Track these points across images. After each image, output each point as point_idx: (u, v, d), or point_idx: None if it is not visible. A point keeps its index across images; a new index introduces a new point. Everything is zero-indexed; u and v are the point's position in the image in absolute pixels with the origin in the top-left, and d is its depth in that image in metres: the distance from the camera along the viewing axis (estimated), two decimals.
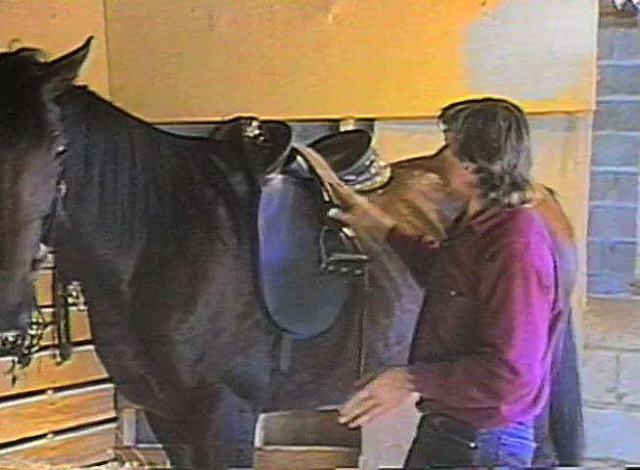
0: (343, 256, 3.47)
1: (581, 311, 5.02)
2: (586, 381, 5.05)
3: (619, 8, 5.09)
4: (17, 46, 3.00)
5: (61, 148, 2.93)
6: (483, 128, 2.88)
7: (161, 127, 3.52)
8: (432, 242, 3.32)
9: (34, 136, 2.86)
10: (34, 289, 2.99)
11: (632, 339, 5.20)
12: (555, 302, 2.90)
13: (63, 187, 2.99)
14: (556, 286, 2.90)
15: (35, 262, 2.91)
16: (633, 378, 5.20)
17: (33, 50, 3.00)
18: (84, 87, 3.18)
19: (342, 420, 2.91)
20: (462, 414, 2.90)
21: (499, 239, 2.84)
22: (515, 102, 2.99)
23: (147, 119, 3.44)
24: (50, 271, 4.47)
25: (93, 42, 2.94)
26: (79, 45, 2.93)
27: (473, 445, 2.91)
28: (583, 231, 4.97)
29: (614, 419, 5.19)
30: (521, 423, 2.95)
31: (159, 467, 5.04)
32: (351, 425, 2.91)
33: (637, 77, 5.21)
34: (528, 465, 3.04)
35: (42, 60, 2.99)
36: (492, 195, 2.90)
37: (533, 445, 3.03)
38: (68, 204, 3.07)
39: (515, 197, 2.89)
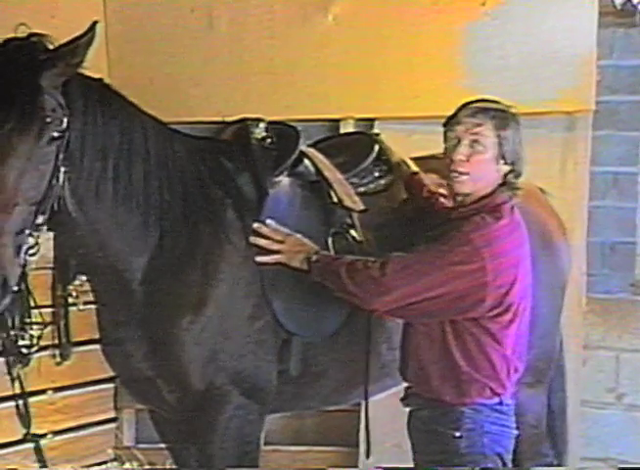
0: (352, 258, 3.46)
1: (581, 311, 5.02)
2: (586, 381, 5.06)
3: (619, 8, 5.10)
4: (23, 31, 2.99)
5: (55, 134, 2.89)
6: (518, 133, 3.10)
7: None
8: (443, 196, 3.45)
9: (23, 120, 2.83)
10: (23, 277, 2.97)
11: (632, 339, 5.20)
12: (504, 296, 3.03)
13: (62, 175, 2.95)
14: (512, 284, 3.04)
15: (20, 248, 2.87)
16: (633, 378, 5.20)
17: (42, 35, 2.99)
18: (100, 80, 3.18)
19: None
20: (441, 392, 3.09)
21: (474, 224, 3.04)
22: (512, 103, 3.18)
23: None
24: (50, 271, 4.48)
25: (98, 26, 2.95)
26: (84, 30, 2.93)
27: (458, 434, 3.08)
28: (583, 231, 4.97)
29: (614, 419, 5.20)
30: (502, 412, 3.11)
31: (159, 467, 5.04)
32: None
33: (637, 77, 5.22)
34: (510, 451, 3.18)
35: (49, 46, 2.97)
36: (511, 192, 3.13)
37: (514, 432, 3.21)
38: (84, 198, 3.07)
39: (519, 193, 3.15)
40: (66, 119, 2.94)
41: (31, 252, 2.94)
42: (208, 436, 3.33)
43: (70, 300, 4.40)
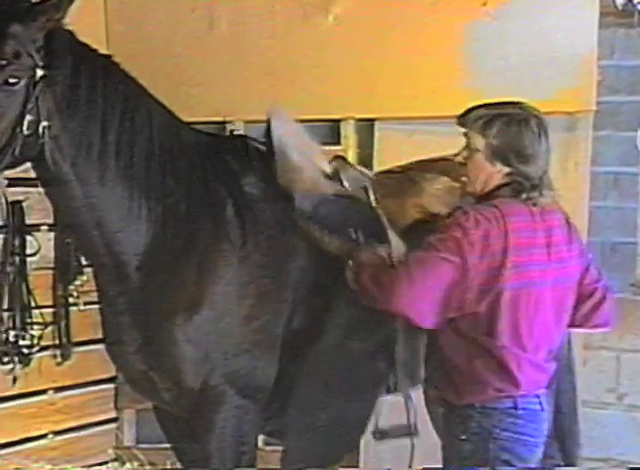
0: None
1: None
2: (587, 381, 5.05)
3: (620, 8, 5.09)
4: None
5: (12, 80, 2.95)
6: (519, 135, 3.08)
7: None
8: None
9: None
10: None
11: (633, 339, 5.20)
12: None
13: (29, 122, 2.99)
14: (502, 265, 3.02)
15: None
16: (634, 378, 5.20)
17: None
18: (109, 56, 3.29)
19: None
20: (448, 391, 3.08)
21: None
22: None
23: None
24: (50, 271, 4.48)
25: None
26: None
27: (464, 437, 3.06)
28: (584, 231, 4.96)
29: (614, 419, 5.19)
30: (517, 416, 3.06)
31: (159, 467, 5.04)
32: None
33: (637, 78, 5.21)
34: (525, 459, 3.11)
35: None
36: (524, 195, 3.08)
37: (533, 440, 3.14)
38: (84, 170, 3.13)
39: (548, 197, 3.11)
40: (40, 72, 2.99)
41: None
42: (206, 436, 3.34)
43: (71, 300, 4.39)
